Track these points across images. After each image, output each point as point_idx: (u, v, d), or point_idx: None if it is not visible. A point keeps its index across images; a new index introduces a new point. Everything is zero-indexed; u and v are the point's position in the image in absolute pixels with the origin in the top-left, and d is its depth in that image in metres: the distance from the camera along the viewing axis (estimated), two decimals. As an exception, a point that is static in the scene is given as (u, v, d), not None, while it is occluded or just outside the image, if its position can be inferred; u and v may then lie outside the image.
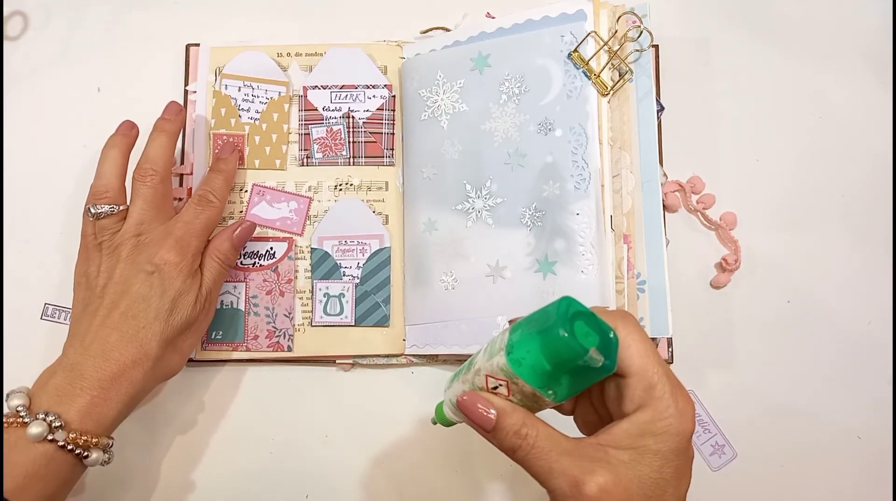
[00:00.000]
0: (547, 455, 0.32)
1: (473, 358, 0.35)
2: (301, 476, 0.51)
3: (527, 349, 0.32)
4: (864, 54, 0.55)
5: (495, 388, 0.33)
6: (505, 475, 0.50)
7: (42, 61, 0.56)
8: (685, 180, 0.53)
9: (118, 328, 0.42)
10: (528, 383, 0.32)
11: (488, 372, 0.33)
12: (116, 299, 0.43)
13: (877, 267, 0.52)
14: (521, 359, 0.32)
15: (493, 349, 0.33)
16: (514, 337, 0.32)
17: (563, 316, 0.31)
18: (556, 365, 0.31)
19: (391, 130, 0.53)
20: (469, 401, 0.33)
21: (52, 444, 0.38)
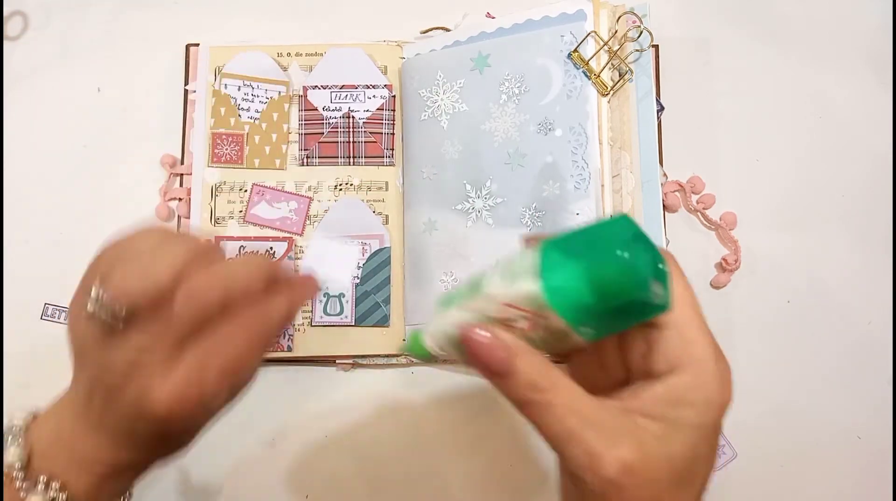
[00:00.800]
0: (565, 416, 0.26)
1: (479, 280, 0.28)
2: (301, 476, 0.51)
3: (568, 274, 0.25)
4: (865, 54, 0.55)
5: (512, 320, 0.27)
6: (506, 474, 0.50)
7: (42, 61, 0.56)
8: (685, 180, 0.53)
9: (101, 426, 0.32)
10: (562, 317, 0.26)
11: (507, 300, 0.26)
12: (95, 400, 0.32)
13: (877, 267, 0.52)
14: (561, 288, 0.25)
15: (512, 270, 0.27)
16: (549, 259, 0.26)
17: (624, 238, 0.25)
18: (604, 297, 0.25)
19: (391, 130, 0.53)
20: (478, 336, 0.26)
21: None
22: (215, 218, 0.52)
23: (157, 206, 0.53)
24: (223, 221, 0.52)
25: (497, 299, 0.27)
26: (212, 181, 0.52)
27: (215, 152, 0.52)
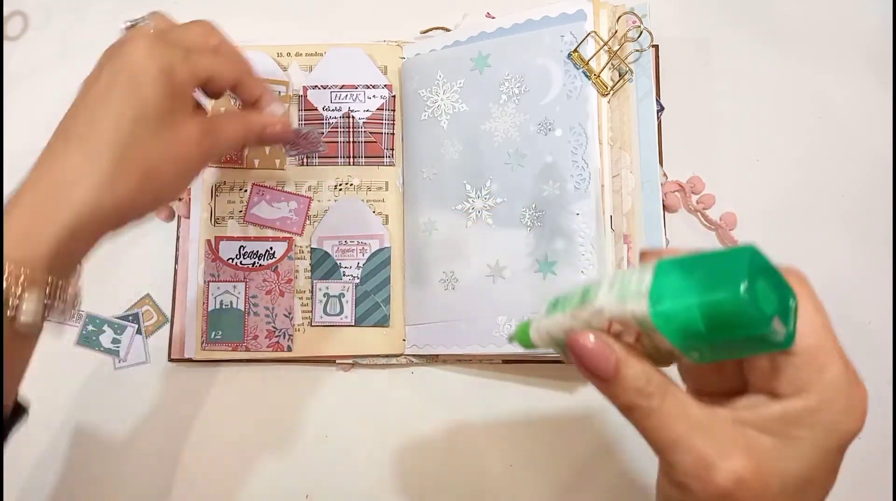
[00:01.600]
0: (674, 423, 0.26)
1: (590, 290, 0.28)
2: (301, 476, 0.51)
3: (682, 302, 0.24)
4: (865, 54, 0.55)
5: (619, 333, 0.27)
6: (506, 473, 0.50)
7: (42, 61, 0.56)
8: (685, 180, 0.53)
9: (72, 137, 0.34)
10: (670, 341, 0.25)
11: (616, 317, 0.26)
12: (79, 102, 0.36)
13: (877, 267, 0.52)
14: (672, 315, 0.25)
15: (626, 288, 0.26)
16: (664, 283, 0.25)
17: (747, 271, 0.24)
18: (718, 330, 0.24)
19: (391, 130, 0.53)
20: (584, 341, 0.27)
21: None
22: (215, 218, 0.52)
23: (157, 206, 0.53)
24: (223, 221, 0.52)
25: (605, 315, 0.27)
26: (212, 181, 0.52)
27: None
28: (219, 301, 0.51)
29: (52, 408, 0.51)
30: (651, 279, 0.26)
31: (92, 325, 0.52)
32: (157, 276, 0.53)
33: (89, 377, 0.52)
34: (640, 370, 0.26)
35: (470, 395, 0.51)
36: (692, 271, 0.25)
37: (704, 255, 0.25)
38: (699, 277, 0.24)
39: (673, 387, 0.27)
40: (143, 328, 0.52)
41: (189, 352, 0.51)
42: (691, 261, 0.25)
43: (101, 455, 0.51)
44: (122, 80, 0.34)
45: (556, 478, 0.50)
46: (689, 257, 0.26)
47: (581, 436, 0.51)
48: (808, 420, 0.26)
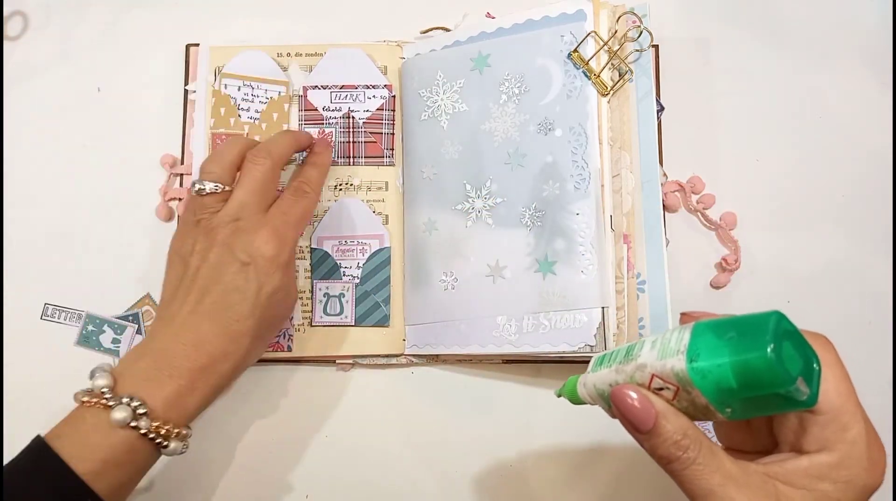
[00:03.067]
0: (709, 475, 0.29)
1: (634, 348, 0.31)
2: (301, 476, 0.51)
3: (716, 360, 0.28)
4: (864, 55, 0.55)
5: (659, 389, 0.30)
6: (506, 473, 0.50)
7: (42, 61, 0.56)
8: (685, 180, 0.53)
9: (211, 318, 0.40)
10: (705, 396, 0.28)
11: (657, 372, 0.29)
12: (210, 285, 0.41)
13: (877, 267, 0.52)
14: (707, 371, 0.28)
15: (666, 346, 0.30)
16: (700, 342, 0.29)
17: (773, 334, 0.27)
18: (748, 387, 0.27)
19: (391, 130, 0.53)
20: (625, 395, 0.29)
21: (135, 431, 0.37)
22: (215, 218, 0.52)
23: (157, 206, 0.53)
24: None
25: (648, 369, 0.30)
26: (212, 181, 0.52)
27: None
28: (219, 301, 0.51)
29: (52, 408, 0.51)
30: (689, 339, 0.29)
31: (92, 325, 0.52)
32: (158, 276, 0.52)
33: (89, 377, 0.51)
34: (677, 425, 0.29)
35: (470, 395, 0.51)
36: (725, 333, 0.28)
37: (737, 318, 0.29)
38: (732, 338, 0.28)
39: (707, 441, 0.29)
40: (143, 328, 0.52)
41: (189, 352, 0.51)
42: (725, 323, 0.29)
43: (101, 455, 0.51)
44: (258, 274, 0.41)
45: (556, 478, 0.50)
46: (724, 319, 0.29)
47: (581, 436, 0.51)
48: (833, 475, 0.28)
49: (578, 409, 0.51)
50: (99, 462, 0.36)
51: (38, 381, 0.51)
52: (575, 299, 0.46)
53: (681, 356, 0.29)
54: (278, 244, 0.42)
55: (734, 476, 0.29)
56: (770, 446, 0.32)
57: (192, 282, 0.41)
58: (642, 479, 0.50)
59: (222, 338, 0.40)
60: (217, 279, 0.41)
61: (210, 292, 0.41)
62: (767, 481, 0.29)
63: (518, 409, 0.51)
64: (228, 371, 0.40)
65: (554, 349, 0.46)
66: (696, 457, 0.29)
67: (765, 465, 0.30)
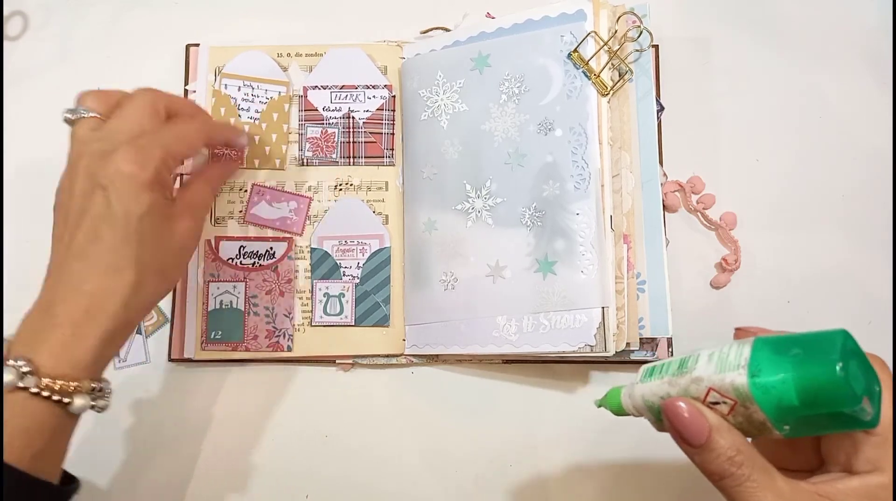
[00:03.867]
0: (761, 493, 0.29)
1: (688, 361, 0.31)
2: (301, 476, 0.51)
3: (779, 376, 0.28)
4: (864, 54, 0.55)
5: (714, 403, 0.29)
6: (506, 473, 0.50)
7: (42, 61, 0.56)
8: (685, 180, 0.53)
9: (83, 255, 0.36)
10: (764, 412, 0.28)
11: (714, 386, 0.29)
12: (77, 221, 0.37)
13: (877, 267, 0.52)
14: (769, 387, 0.28)
15: (724, 360, 0.30)
16: (762, 358, 0.28)
17: (841, 352, 0.27)
18: (811, 405, 0.27)
19: (391, 130, 0.53)
20: (679, 408, 0.29)
21: (24, 392, 0.34)
22: (215, 218, 0.52)
23: (157, 206, 0.53)
24: (223, 221, 0.52)
25: (704, 383, 0.29)
26: (212, 181, 0.52)
27: (215, 152, 0.52)
28: (219, 301, 0.51)
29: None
30: (750, 353, 0.29)
31: (92, 325, 0.52)
32: (157, 276, 0.53)
33: (89, 377, 0.51)
34: (731, 441, 0.29)
35: (470, 395, 0.51)
36: (789, 349, 0.28)
37: (801, 335, 0.29)
38: (796, 354, 0.28)
39: (761, 459, 0.29)
40: (143, 328, 0.52)
41: (189, 352, 0.51)
42: (788, 340, 0.29)
43: (101, 455, 0.51)
44: (119, 196, 0.37)
45: (555, 477, 0.50)
46: (786, 336, 0.29)
47: (581, 436, 0.51)
48: (884, 496, 0.29)
49: (578, 409, 0.51)
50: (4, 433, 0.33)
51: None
52: (575, 299, 0.46)
53: (742, 370, 0.28)
54: (139, 163, 0.37)
55: (786, 494, 0.29)
56: (814, 464, 0.32)
57: (65, 222, 0.38)
58: (642, 478, 0.50)
59: (98, 274, 0.36)
60: (83, 212, 0.37)
61: (80, 228, 0.37)
62: (819, 499, 0.29)
63: (518, 409, 0.51)
64: (118, 310, 0.36)
65: (554, 349, 0.46)
66: (749, 474, 0.29)
67: (815, 484, 0.30)
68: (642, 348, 0.48)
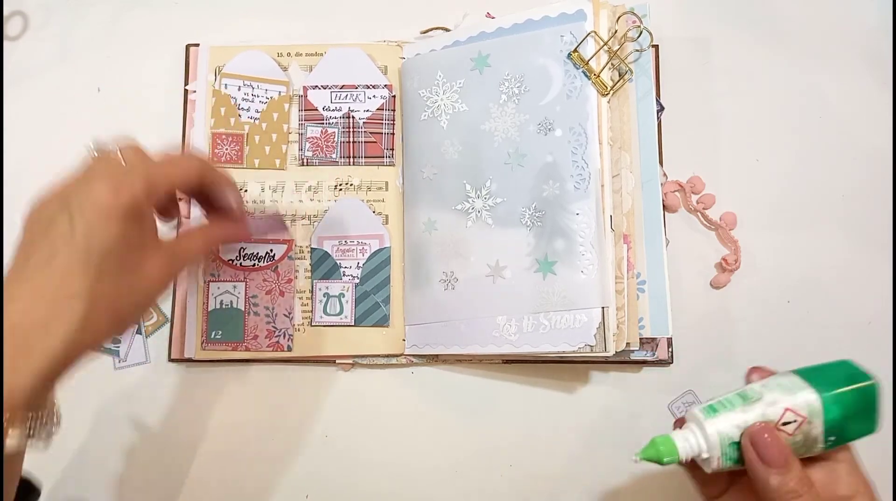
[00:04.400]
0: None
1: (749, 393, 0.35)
2: (301, 476, 0.51)
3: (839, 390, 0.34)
4: (864, 54, 0.55)
5: (786, 424, 0.34)
6: (506, 473, 0.50)
7: (42, 61, 0.56)
8: (685, 180, 0.53)
9: (34, 277, 0.32)
10: (824, 425, 0.34)
11: (790, 406, 0.34)
12: (34, 240, 0.33)
13: (877, 267, 0.52)
14: (837, 398, 0.34)
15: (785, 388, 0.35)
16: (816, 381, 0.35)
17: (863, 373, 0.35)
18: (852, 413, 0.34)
19: (391, 130, 0.53)
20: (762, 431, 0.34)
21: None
22: (215, 218, 0.52)
23: (157, 206, 0.53)
24: (223, 221, 0.52)
25: (780, 404, 0.34)
26: (212, 181, 0.52)
27: (215, 152, 0.52)
28: (219, 301, 0.51)
29: (52, 408, 0.51)
30: (801, 379, 0.35)
31: (92, 325, 0.52)
32: (157, 276, 0.53)
33: (89, 377, 0.51)
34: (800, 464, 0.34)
35: (470, 395, 0.51)
36: (825, 374, 0.35)
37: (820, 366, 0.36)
38: (835, 377, 0.35)
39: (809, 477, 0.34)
40: (143, 328, 0.52)
41: (189, 352, 0.51)
42: (817, 369, 0.36)
43: (101, 455, 0.51)
44: (86, 221, 0.33)
45: (556, 477, 0.50)
46: (811, 367, 0.36)
47: (580, 436, 0.51)
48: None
49: (578, 409, 0.51)
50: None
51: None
52: (575, 299, 0.46)
53: (811, 390, 0.34)
54: (114, 191, 0.33)
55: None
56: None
57: (22, 240, 0.34)
58: (641, 479, 0.50)
59: (45, 301, 0.32)
60: (44, 233, 0.33)
61: (36, 248, 0.33)
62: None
63: (518, 409, 0.51)
64: (57, 348, 0.32)
65: (554, 348, 0.46)
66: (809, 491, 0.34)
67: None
68: (642, 348, 0.48)
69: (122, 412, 0.51)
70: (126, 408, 0.51)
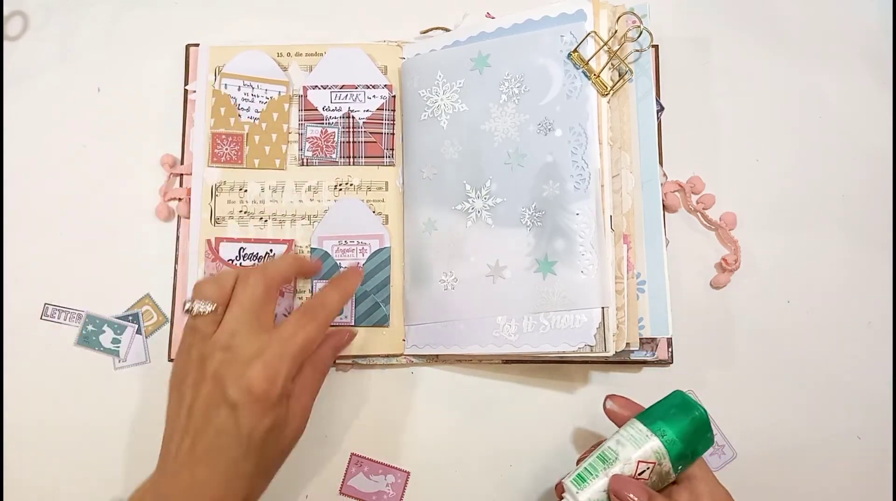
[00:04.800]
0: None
1: (607, 454, 0.40)
2: (301, 476, 0.50)
3: (675, 429, 0.40)
4: (864, 54, 0.55)
5: (641, 473, 0.39)
6: (506, 473, 0.50)
7: (42, 61, 0.56)
8: (685, 180, 0.53)
9: (207, 462, 0.39)
10: (671, 461, 0.39)
11: (640, 458, 0.39)
12: (202, 427, 0.39)
13: (876, 267, 0.52)
14: (674, 439, 0.39)
15: (633, 439, 0.40)
16: (655, 424, 0.40)
17: (690, 403, 0.41)
18: (691, 441, 0.40)
19: (391, 130, 0.53)
20: (622, 486, 0.38)
21: None
22: (215, 218, 0.52)
23: (157, 206, 0.53)
24: (223, 221, 0.52)
25: (633, 458, 0.39)
26: (212, 181, 0.53)
27: (215, 152, 0.52)
28: (219, 301, 0.51)
29: (52, 408, 0.51)
30: (644, 426, 0.40)
31: (92, 325, 0.52)
32: (157, 276, 0.53)
33: (89, 377, 0.52)
34: (660, 495, 0.39)
35: (470, 395, 0.51)
36: (663, 412, 0.41)
37: (657, 404, 0.42)
38: (673, 413, 0.41)
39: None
40: (143, 328, 0.52)
41: (189, 352, 0.51)
42: (652, 409, 0.42)
43: (101, 455, 0.51)
44: (248, 416, 0.39)
45: (555, 478, 0.50)
46: (649, 407, 0.42)
47: (580, 436, 0.51)
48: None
49: (578, 409, 0.51)
50: None
51: (38, 380, 0.51)
52: (575, 299, 0.46)
53: (653, 438, 0.39)
54: (269, 380, 0.39)
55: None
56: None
57: (188, 421, 0.40)
58: (642, 479, 0.50)
59: (219, 481, 0.38)
60: (208, 420, 0.39)
61: (203, 435, 0.39)
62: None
63: (518, 409, 0.51)
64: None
65: (554, 349, 0.46)
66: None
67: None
68: (642, 348, 0.48)
69: (122, 412, 0.51)
70: (126, 408, 0.51)
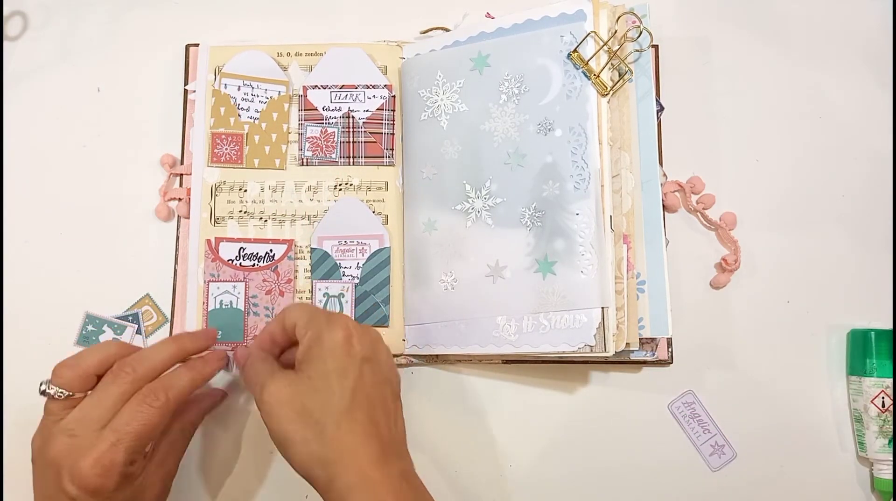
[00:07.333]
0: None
1: None
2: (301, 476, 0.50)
3: None
4: (864, 54, 0.55)
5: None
6: (506, 474, 0.50)
7: (42, 61, 0.56)
8: (685, 180, 0.53)
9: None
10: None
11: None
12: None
13: (877, 267, 0.52)
14: None
15: None
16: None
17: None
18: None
19: (391, 130, 0.53)
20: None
21: None
22: (215, 218, 0.52)
23: (156, 206, 0.53)
24: (223, 220, 0.52)
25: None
26: (211, 181, 0.53)
27: (215, 152, 0.52)
28: (219, 301, 0.51)
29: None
30: None
31: (92, 325, 0.52)
32: (157, 276, 0.53)
33: (89, 377, 0.51)
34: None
35: (470, 395, 0.51)
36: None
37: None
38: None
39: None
40: (143, 328, 0.52)
41: (189, 352, 0.51)
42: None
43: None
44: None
45: (555, 478, 0.50)
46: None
47: (580, 436, 0.51)
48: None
49: (578, 409, 0.51)
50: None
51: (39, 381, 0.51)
52: (575, 299, 0.46)
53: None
54: (102, 474, 0.38)
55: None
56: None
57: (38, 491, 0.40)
58: (640, 479, 0.50)
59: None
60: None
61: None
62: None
63: (518, 409, 0.51)
64: None
65: (554, 349, 0.46)
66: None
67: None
68: (642, 348, 0.48)
69: (122, 412, 0.51)
70: (126, 408, 0.51)
